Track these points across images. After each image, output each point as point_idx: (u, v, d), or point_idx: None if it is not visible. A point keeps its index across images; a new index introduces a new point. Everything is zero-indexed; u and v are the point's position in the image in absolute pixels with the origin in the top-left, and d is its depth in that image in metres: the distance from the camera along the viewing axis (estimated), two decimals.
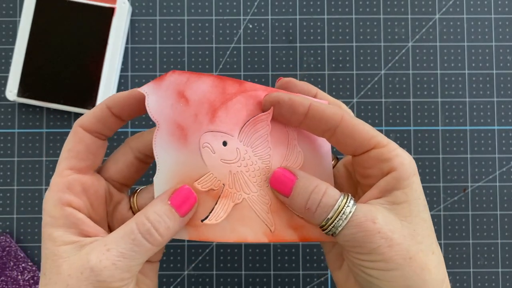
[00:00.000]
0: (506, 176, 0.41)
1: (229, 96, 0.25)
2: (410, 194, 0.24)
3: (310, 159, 0.26)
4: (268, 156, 0.26)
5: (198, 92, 0.25)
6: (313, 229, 0.26)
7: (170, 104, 0.24)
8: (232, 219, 0.25)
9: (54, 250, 0.22)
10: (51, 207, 0.23)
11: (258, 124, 0.25)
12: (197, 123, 0.25)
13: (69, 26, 0.40)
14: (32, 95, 0.40)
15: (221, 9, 0.42)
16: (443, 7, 0.42)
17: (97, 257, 0.21)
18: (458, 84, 0.42)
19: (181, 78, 0.24)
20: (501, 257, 0.41)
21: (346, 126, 0.24)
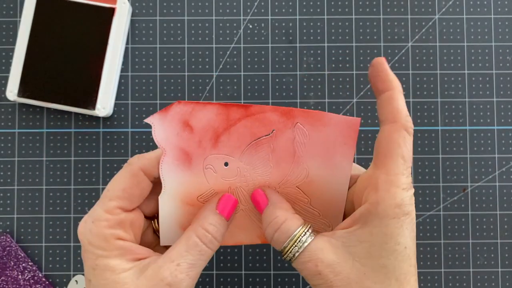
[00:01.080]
0: (505, 176, 0.41)
1: (232, 122, 0.27)
2: (376, 236, 0.23)
3: (322, 176, 0.28)
4: (268, 173, 0.28)
5: (202, 121, 0.26)
6: None
7: (176, 133, 0.26)
8: (232, 225, 0.28)
9: (115, 279, 0.23)
10: (101, 242, 0.24)
11: (259, 147, 0.27)
12: (201, 148, 0.27)
13: (69, 26, 0.40)
14: (32, 95, 0.40)
15: (221, 9, 0.42)
16: (442, 7, 0.42)
17: (170, 273, 0.23)
18: (458, 84, 0.42)
19: (186, 108, 0.26)
20: (501, 257, 0.41)
21: (387, 98, 0.25)
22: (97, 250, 0.24)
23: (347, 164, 0.27)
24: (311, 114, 0.27)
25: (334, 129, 0.27)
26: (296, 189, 0.28)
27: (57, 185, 0.41)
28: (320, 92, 0.42)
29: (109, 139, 0.42)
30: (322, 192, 0.28)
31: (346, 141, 0.27)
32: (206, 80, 0.42)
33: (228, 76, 0.42)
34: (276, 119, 0.27)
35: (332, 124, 0.27)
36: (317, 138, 0.27)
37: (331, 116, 0.27)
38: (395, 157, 0.23)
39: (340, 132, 0.27)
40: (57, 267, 0.41)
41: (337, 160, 0.27)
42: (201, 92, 0.42)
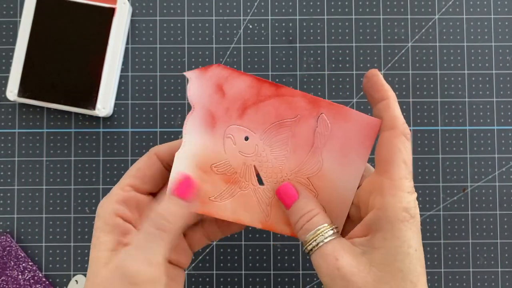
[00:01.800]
0: (505, 176, 0.41)
1: (262, 98, 0.27)
2: (390, 241, 0.23)
3: (334, 172, 0.28)
4: (284, 158, 0.28)
5: (235, 89, 0.27)
6: None
7: (209, 93, 0.27)
8: (236, 203, 0.28)
9: (97, 255, 0.25)
10: (105, 214, 0.26)
11: (281, 128, 0.28)
12: (227, 115, 0.27)
13: (69, 26, 0.40)
14: (33, 95, 0.40)
15: (221, 9, 0.42)
16: (442, 7, 0.42)
17: (122, 256, 0.24)
18: (457, 84, 0.42)
19: (223, 72, 0.27)
20: (501, 256, 0.41)
21: (384, 107, 0.26)
22: (99, 221, 0.26)
23: (361, 164, 0.28)
24: (336, 107, 0.27)
25: (354, 126, 0.27)
26: (306, 181, 0.28)
27: (57, 185, 0.41)
28: (320, 92, 0.42)
29: (109, 139, 0.42)
30: (331, 189, 0.28)
31: (364, 140, 0.27)
32: None
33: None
34: (303, 105, 0.27)
35: (353, 121, 0.27)
36: (337, 132, 0.27)
37: (354, 113, 0.27)
38: (397, 162, 0.24)
39: (360, 130, 0.27)
40: (57, 267, 0.41)
41: (352, 158, 0.28)
42: None
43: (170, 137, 0.42)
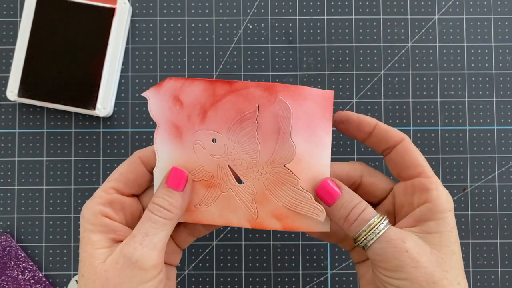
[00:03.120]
0: (505, 176, 0.41)
1: (218, 98, 0.28)
2: (443, 226, 0.26)
3: (307, 152, 0.28)
4: (255, 151, 0.28)
5: (191, 96, 0.28)
6: (297, 220, 0.28)
7: (168, 107, 0.28)
8: (220, 205, 0.28)
9: (92, 253, 0.26)
10: (91, 216, 0.27)
11: (244, 122, 0.28)
12: (190, 123, 0.28)
13: (69, 26, 0.40)
14: (33, 95, 0.40)
15: (221, 9, 0.42)
16: (442, 7, 0.42)
17: (127, 245, 0.25)
18: (457, 84, 0.42)
19: (177, 83, 0.28)
20: (501, 256, 0.41)
21: (403, 149, 0.28)
22: (86, 223, 0.27)
23: (328, 137, 0.28)
24: (292, 88, 0.27)
25: (313, 102, 0.27)
26: (284, 169, 0.28)
27: (57, 185, 0.41)
28: None
29: (109, 139, 0.42)
30: (309, 171, 0.28)
31: (324, 113, 0.28)
32: None
33: (228, 76, 0.42)
34: (259, 94, 0.27)
35: (310, 97, 0.27)
36: (298, 112, 0.27)
37: (310, 90, 0.27)
38: (424, 163, 0.28)
39: (318, 105, 0.28)
40: (57, 267, 0.41)
41: (319, 134, 0.28)
42: None
43: None
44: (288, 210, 0.28)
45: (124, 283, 0.24)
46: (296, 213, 0.28)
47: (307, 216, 0.28)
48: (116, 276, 0.25)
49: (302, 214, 0.28)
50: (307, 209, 0.28)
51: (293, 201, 0.28)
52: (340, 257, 0.41)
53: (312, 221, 0.28)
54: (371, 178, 0.29)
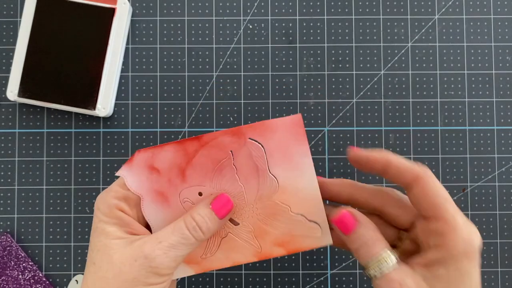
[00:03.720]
0: (505, 176, 0.41)
1: (191, 155, 0.29)
2: (453, 274, 0.25)
3: (290, 179, 0.29)
4: (242, 193, 0.29)
5: (165, 161, 0.29)
6: (298, 242, 0.29)
7: (145, 177, 0.29)
8: (225, 249, 0.30)
9: (106, 243, 0.26)
10: (106, 208, 0.27)
11: (223, 170, 0.29)
12: (172, 186, 0.29)
13: (70, 26, 0.40)
14: (33, 95, 0.40)
15: (221, 9, 0.42)
16: (442, 7, 0.42)
17: (150, 247, 0.26)
18: (457, 84, 0.42)
19: (147, 154, 0.29)
20: (500, 256, 0.41)
21: (419, 191, 0.26)
22: (100, 215, 0.27)
23: (307, 159, 0.29)
24: (257, 126, 0.28)
25: (282, 132, 0.28)
26: (272, 202, 0.29)
27: (58, 185, 0.41)
28: (320, 92, 0.42)
29: (110, 139, 0.42)
30: (297, 195, 0.29)
31: (297, 138, 0.29)
32: (206, 80, 0.42)
33: (228, 76, 0.42)
34: (228, 140, 0.29)
35: (279, 128, 0.28)
36: (271, 146, 0.29)
37: (275, 121, 0.28)
38: (441, 203, 0.26)
39: (289, 133, 0.28)
40: (58, 267, 0.41)
41: (297, 159, 0.29)
42: (201, 92, 0.42)
43: (170, 137, 0.42)
44: (287, 236, 0.29)
45: (136, 280, 0.25)
46: (296, 236, 0.29)
47: (306, 236, 0.29)
48: (131, 272, 0.25)
49: (301, 236, 0.29)
50: (304, 231, 0.29)
51: (290, 227, 0.29)
52: (340, 257, 0.41)
53: (312, 239, 0.29)
54: (392, 209, 0.29)
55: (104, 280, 0.25)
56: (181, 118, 0.42)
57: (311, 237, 0.29)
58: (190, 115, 0.42)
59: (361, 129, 0.42)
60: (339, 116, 0.42)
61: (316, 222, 0.29)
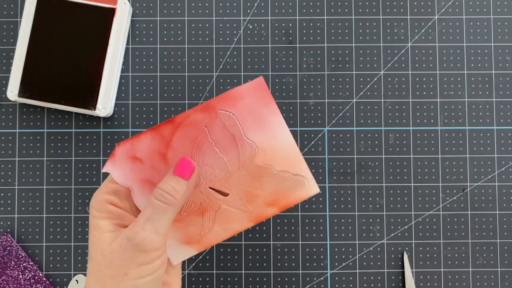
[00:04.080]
0: (505, 176, 0.41)
1: (168, 138, 0.30)
2: None
3: (267, 141, 0.30)
4: (224, 164, 0.30)
5: (144, 150, 0.30)
6: (287, 197, 0.30)
7: (130, 169, 0.29)
8: (220, 222, 0.31)
9: (99, 237, 0.27)
10: (98, 204, 0.29)
11: (202, 147, 0.30)
12: (157, 172, 0.30)
13: (70, 26, 0.40)
14: (33, 95, 0.40)
15: (221, 9, 0.42)
16: (442, 7, 0.42)
17: (130, 228, 0.27)
18: (457, 84, 0.42)
19: (126, 146, 0.29)
20: (500, 256, 0.41)
21: None
22: (93, 211, 0.28)
23: (278, 117, 0.30)
24: (224, 96, 0.30)
25: (249, 98, 0.30)
26: (255, 165, 0.30)
27: (58, 185, 0.41)
28: (320, 92, 0.42)
29: (110, 139, 0.42)
30: (277, 154, 0.30)
31: (264, 100, 0.30)
32: (206, 80, 0.42)
33: (228, 76, 0.42)
34: (200, 117, 0.30)
35: (244, 94, 0.30)
36: (241, 113, 0.30)
37: (240, 88, 0.30)
38: None
39: (255, 97, 0.30)
40: (58, 266, 0.41)
41: (268, 120, 0.30)
42: (201, 92, 0.42)
43: None
44: (276, 194, 0.30)
45: (126, 264, 0.26)
46: (284, 192, 0.30)
47: (294, 190, 0.30)
48: (119, 258, 0.26)
49: (289, 191, 0.30)
50: (291, 185, 0.30)
51: (277, 185, 0.30)
52: (340, 257, 0.41)
53: (300, 191, 0.30)
54: None
55: (99, 272, 0.26)
56: None
57: (299, 189, 0.30)
58: None
59: (361, 129, 0.42)
60: (339, 116, 0.42)
61: (301, 174, 0.30)
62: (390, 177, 0.42)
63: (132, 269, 0.26)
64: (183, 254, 0.30)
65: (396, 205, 0.41)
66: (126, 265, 0.26)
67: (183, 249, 0.30)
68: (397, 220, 0.41)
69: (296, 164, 0.30)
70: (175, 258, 0.31)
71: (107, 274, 0.26)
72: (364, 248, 0.41)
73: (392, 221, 0.41)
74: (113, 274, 0.26)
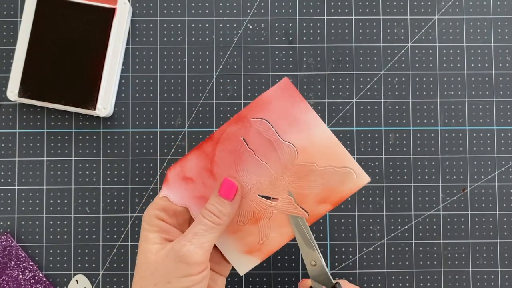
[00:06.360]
0: (505, 176, 0.41)
1: (211, 154, 0.31)
2: None
3: (304, 139, 0.30)
4: (268, 170, 0.31)
5: (193, 168, 0.31)
6: (338, 191, 0.30)
7: (184, 189, 0.31)
8: (276, 227, 0.31)
9: (146, 247, 0.30)
10: (149, 218, 0.31)
11: (243, 157, 0.31)
12: (207, 187, 0.31)
13: (70, 26, 0.40)
14: (33, 95, 0.40)
15: (221, 9, 0.42)
16: (442, 7, 0.42)
17: (178, 241, 0.29)
18: (457, 84, 0.42)
19: (176, 169, 0.31)
20: (500, 256, 0.41)
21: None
22: (145, 224, 0.31)
23: (311, 113, 0.30)
24: (253, 104, 0.30)
25: (278, 100, 0.30)
26: (298, 165, 0.30)
27: (58, 185, 0.41)
28: (320, 92, 0.42)
29: (110, 139, 0.42)
30: (317, 150, 0.30)
31: (293, 100, 0.30)
32: (206, 80, 0.42)
33: (228, 76, 0.42)
34: (235, 128, 0.30)
35: (273, 97, 0.30)
36: (272, 116, 0.30)
37: (268, 93, 0.30)
38: None
39: (283, 98, 0.30)
40: (58, 266, 0.41)
41: (301, 118, 0.30)
42: (201, 92, 0.42)
43: (171, 137, 0.42)
44: (326, 191, 0.30)
45: (169, 273, 0.28)
46: (333, 187, 0.30)
47: (343, 183, 0.30)
48: (164, 267, 0.28)
49: (338, 185, 0.30)
50: (339, 179, 0.30)
51: (324, 182, 0.30)
52: (340, 257, 0.41)
53: (350, 183, 0.30)
54: None
55: (144, 279, 0.29)
56: (181, 118, 0.42)
57: (347, 182, 0.30)
58: (190, 115, 0.42)
59: (361, 129, 0.42)
60: (339, 116, 0.42)
61: (346, 166, 0.30)
62: (390, 177, 0.42)
63: (175, 279, 0.28)
64: (247, 264, 0.31)
65: (396, 205, 0.41)
66: (169, 275, 0.28)
67: (247, 259, 0.31)
68: (397, 220, 0.41)
69: (339, 157, 0.30)
70: (240, 269, 0.31)
71: (151, 281, 0.28)
72: (364, 248, 0.41)
73: (392, 221, 0.41)
74: (156, 282, 0.28)
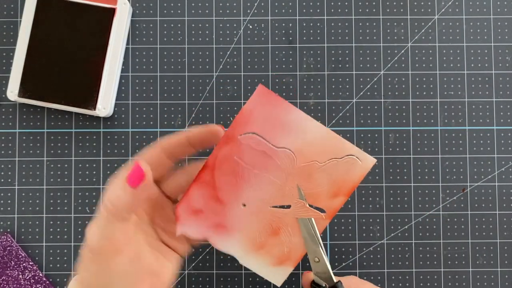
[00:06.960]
0: (505, 176, 0.41)
1: (211, 181, 0.30)
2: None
3: (297, 140, 0.30)
4: (271, 181, 0.30)
5: (199, 200, 0.31)
6: (348, 182, 0.30)
7: (197, 221, 0.31)
8: (297, 232, 0.31)
9: None
10: None
11: (244, 177, 0.30)
12: (218, 214, 0.31)
13: (70, 26, 0.40)
14: (33, 95, 0.40)
15: (221, 9, 0.42)
16: (442, 7, 0.42)
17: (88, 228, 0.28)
18: (457, 85, 0.42)
19: (183, 205, 0.30)
20: (500, 256, 0.41)
21: None
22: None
23: (295, 112, 0.29)
24: (236, 120, 0.29)
25: (258, 109, 0.29)
26: (300, 167, 0.30)
27: (58, 185, 0.41)
28: (320, 92, 0.42)
29: (110, 139, 0.42)
30: (314, 147, 0.30)
31: (273, 104, 0.29)
32: (206, 80, 0.42)
33: (228, 76, 0.42)
34: (227, 150, 0.30)
35: (253, 108, 0.29)
36: (259, 126, 0.30)
37: (246, 105, 0.29)
38: None
39: (263, 105, 0.29)
40: (58, 266, 0.41)
41: (287, 119, 0.29)
42: (201, 92, 0.42)
43: None
44: (335, 185, 0.30)
45: None
46: (341, 179, 0.30)
47: (349, 171, 0.30)
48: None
49: (345, 174, 0.30)
50: (345, 167, 0.30)
51: (330, 176, 0.30)
52: (340, 257, 0.41)
53: (357, 169, 0.30)
54: None
55: None
56: (181, 118, 0.42)
57: (353, 169, 0.30)
58: (190, 115, 0.42)
59: (361, 129, 0.42)
60: (339, 116, 0.42)
61: (348, 154, 0.30)
62: (390, 177, 0.42)
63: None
64: (282, 275, 0.31)
65: (396, 205, 0.41)
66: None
67: (279, 270, 0.31)
68: (397, 220, 0.41)
69: (337, 147, 0.30)
70: (276, 281, 0.31)
71: None
72: (364, 248, 0.41)
73: (392, 221, 0.41)
74: None
